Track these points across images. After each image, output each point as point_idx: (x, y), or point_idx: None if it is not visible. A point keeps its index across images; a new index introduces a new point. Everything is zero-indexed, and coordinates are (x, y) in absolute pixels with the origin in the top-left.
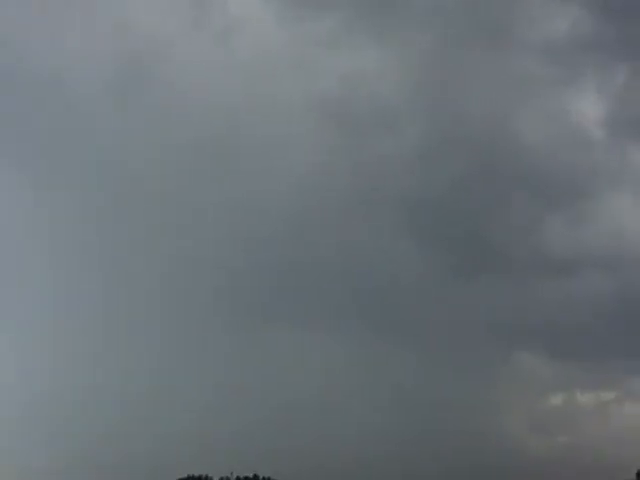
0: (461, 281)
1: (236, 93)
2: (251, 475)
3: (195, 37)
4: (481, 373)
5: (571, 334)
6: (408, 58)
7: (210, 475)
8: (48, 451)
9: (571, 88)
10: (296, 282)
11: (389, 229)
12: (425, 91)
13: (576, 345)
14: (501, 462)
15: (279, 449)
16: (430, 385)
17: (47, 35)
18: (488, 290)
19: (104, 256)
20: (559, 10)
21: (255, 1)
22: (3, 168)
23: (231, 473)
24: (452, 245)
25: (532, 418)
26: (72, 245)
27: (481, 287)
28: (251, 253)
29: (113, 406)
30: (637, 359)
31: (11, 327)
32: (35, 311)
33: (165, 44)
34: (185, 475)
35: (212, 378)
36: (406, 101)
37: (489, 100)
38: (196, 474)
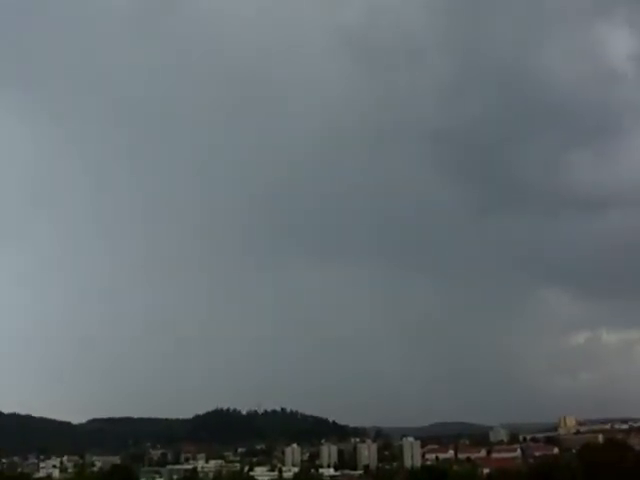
0: (485, 215)
1: (260, 22)
2: (278, 409)
3: None
4: (504, 308)
5: (598, 272)
6: None
7: (238, 409)
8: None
9: (601, 21)
10: (322, 216)
11: (414, 163)
12: (451, 23)
13: (603, 283)
14: (522, 397)
15: (305, 385)
16: (453, 319)
17: None
18: (513, 225)
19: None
20: None
21: None
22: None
23: (259, 406)
24: (476, 179)
25: (555, 355)
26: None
27: (506, 222)
28: (275, 188)
29: (150, 345)
30: None
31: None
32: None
33: None
34: (214, 408)
35: (241, 316)
36: (432, 33)
37: (517, 32)
38: (225, 407)
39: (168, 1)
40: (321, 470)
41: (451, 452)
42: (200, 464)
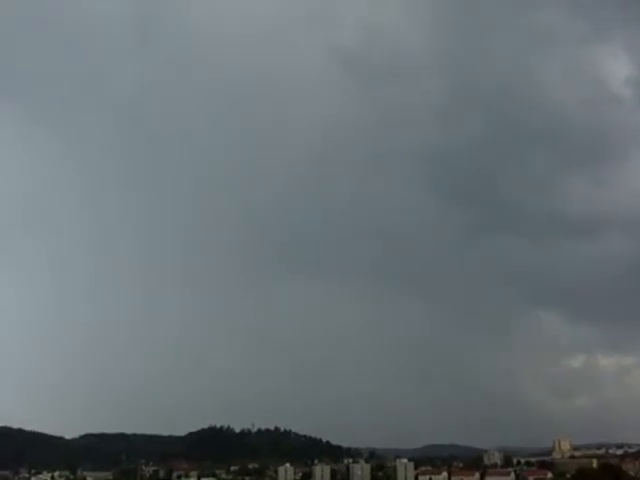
0: (478, 237)
1: (256, 42)
2: (272, 427)
3: None
4: (499, 330)
5: (594, 296)
6: (427, 9)
7: (232, 426)
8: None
9: (598, 44)
10: (311, 234)
11: (407, 183)
12: (445, 45)
13: (598, 308)
14: (516, 420)
15: (299, 405)
16: (447, 341)
17: None
18: (506, 248)
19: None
20: None
21: None
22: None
23: (252, 425)
24: (470, 201)
25: (550, 378)
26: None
27: (499, 244)
28: (265, 206)
29: (144, 361)
30: None
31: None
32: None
33: None
34: (207, 426)
35: (233, 334)
36: (426, 55)
37: (512, 54)
38: (218, 425)
39: (168, 25)
40: None
41: (444, 474)
42: None
